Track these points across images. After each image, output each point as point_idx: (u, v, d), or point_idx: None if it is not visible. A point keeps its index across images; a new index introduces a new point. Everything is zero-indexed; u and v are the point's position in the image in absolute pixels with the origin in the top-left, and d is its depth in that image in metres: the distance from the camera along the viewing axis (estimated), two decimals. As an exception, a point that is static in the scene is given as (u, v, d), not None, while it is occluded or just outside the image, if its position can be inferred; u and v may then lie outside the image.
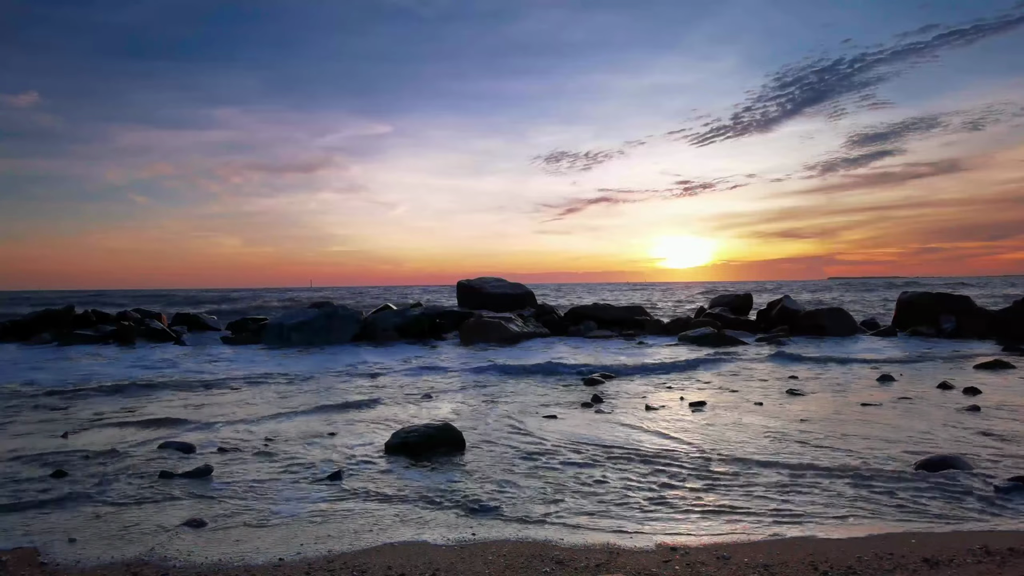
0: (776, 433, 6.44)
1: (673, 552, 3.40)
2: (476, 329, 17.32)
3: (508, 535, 3.68)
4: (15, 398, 8.81)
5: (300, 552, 3.44)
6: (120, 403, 8.48)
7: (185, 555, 3.41)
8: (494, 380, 10.44)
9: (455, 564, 3.25)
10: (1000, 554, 3.30)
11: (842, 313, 19.06)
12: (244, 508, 4.29)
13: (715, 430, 6.63)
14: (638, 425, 6.93)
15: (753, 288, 35.65)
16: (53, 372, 11.42)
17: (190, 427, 6.97)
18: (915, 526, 3.83)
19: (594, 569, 3.18)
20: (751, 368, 11.69)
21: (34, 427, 6.99)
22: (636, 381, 10.32)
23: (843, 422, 6.95)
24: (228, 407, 8.19)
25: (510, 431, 6.66)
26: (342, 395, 9.00)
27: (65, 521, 4.02)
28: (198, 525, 3.87)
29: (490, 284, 21.84)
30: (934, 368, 11.34)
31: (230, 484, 4.87)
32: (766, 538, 3.61)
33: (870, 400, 8.19)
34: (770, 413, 7.52)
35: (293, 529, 3.85)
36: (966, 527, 3.80)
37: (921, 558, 3.27)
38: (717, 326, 17.76)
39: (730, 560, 3.28)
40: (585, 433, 6.53)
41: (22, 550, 3.51)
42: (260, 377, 10.82)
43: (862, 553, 3.35)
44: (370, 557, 3.36)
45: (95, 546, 3.57)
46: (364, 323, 17.89)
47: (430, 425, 6.08)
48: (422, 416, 7.49)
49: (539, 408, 8.00)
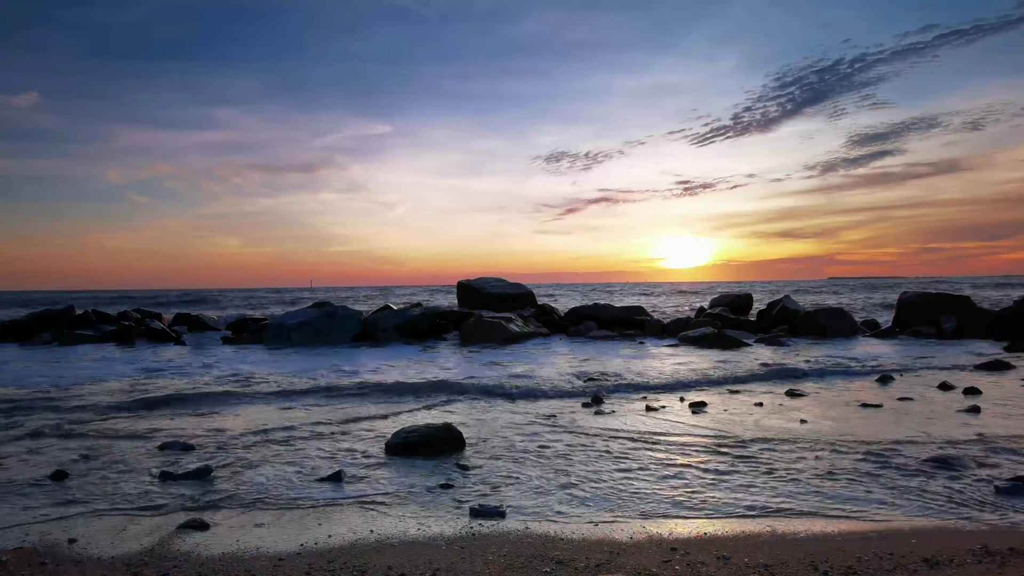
0: (775, 432, 6.44)
1: (673, 552, 3.40)
2: (476, 329, 17.32)
3: (508, 535, 3.68)
4: (13, 398, 8.80)
5: (300, 552, 3.44)
6: (120, 403, 8.47)
7: (185, 555, 3.41)
8: (495, 379, 10.44)
9: (455, 564, 3.25)
10: (1000, 554, 3.30)
11: (842, 313, 19.05)
12: (244, 508, 4.29)
13: (715, 431, 6.63)
14: (639, 425, 6.93)
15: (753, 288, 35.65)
16: (51, 372, 11.42)
17: (190, 427, 6.97)
18: (915, 526, 3.83)
19: (594, 569, 3.18)
20: (751, 368, 11.68)
21: (34, 427, 6.99)
22: (636, 381, 10.32)
23: (843, 422, 6.95)
24: (228, 407, 8.19)
25: (510, 431, 6.66)
26: (342, 395, 9.00)
27: (65, 521, 4.02)
28: (198, 525, 3.87)
29: (490, 284, 21.85)
30: (934, 369, 11.34)
31: (230, 484, 4.87)
32: (766, 538, 3.61)
33: (870, 400, 8.19)
34: (770, 413, 7.52)
35: (293, 529, 3.85)
36: (967, 527, 3.80)
37: (921, 558, 3.27)
38: (717, 326, 17.75)
39: (730, 560, 3.28)
40: (585, 433, 6.53)
41: (22, 550, 3.51)
42: (260, 377, 10.82)
43: (862, 553, 3.35)
44: (370, 557, 3.36)
45: (95, 546, 3.57)
46: (364, 323, 17.90)
47: (430, 425, 6.09)
48: (422, 416, 7.49)
49: (539, 408, 8.00)
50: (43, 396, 8.97)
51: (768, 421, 7.05)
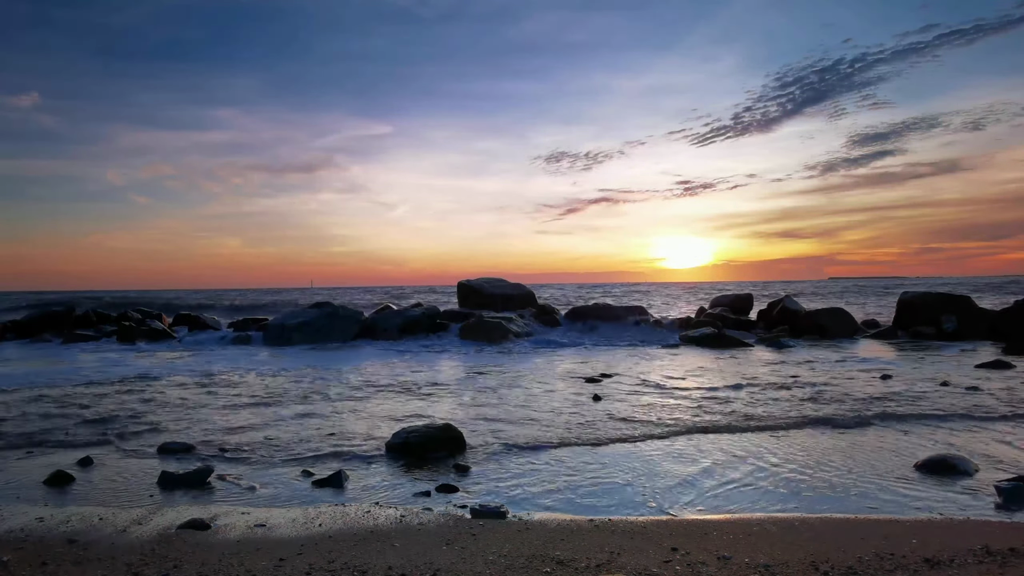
0: (774, 433, 6.44)
1: (674, 552, 3.39)
2: (477, 329, 17.33)
3: (509, 535, 3.68)
4: (10, 400, 8.81)
5: (301, 552, 3.44)
6: (120, 404, 8.48)
7: (186, 555, 3.41)
8: (495, 380, 10.44)
9: (456, 564, 3.25)
10: (1001, 554, 3.29)
11: (843, 313, 19.04)
12: (245, 508, 4.29)
13: (714, 432, 6.63)
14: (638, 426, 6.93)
15: (753, 288, 35.63)
16: (51, 373, 11.43)
17: (190, 428, 6.97)
18: (916, 526, 3.82)
19: (595, 569, 3.18)
20: (752, 369, 11.68)
21: (33, 428, 7.00)
22: (636, 380, 10.31)
23: (842, 422, 6.94)
24: (228, 408, 8.19)
25: (511, 431, 6.65)
26: (342, 395, 9.00)
27: (64, 522, 4.02)
28: (199, 525, 3.87)
29: (491, 284, 21.84)
30: (934, 368, 11.32)
31: (230, 484, 4.88)
32: (767, 538, 3.61)
33: (869, 399, 8.17)
34: (770, 413, 7.52)
35: (293, 529, 3.85)
36: (967, 527, 3.80)
37: (922, 558, 3.26)
38: (718, 326, 17.75)
39: (731, 560, 3.28)
40: (586, 433, 6.53)
41: (23, 551, 3.51)
42: (261, 377, 10.82)
43: (863, 553, 3.34)
44: (371, 557, 3.36)
45: (95, 547, 3.57)
46: (365, 323, 17.90)
47: (431, 425, 6.08)
48: (423, 416, 7.49)
49: (540, 407, 7.99)
50: (40, 397, 8.98)
51: (768, 422, 7.05)
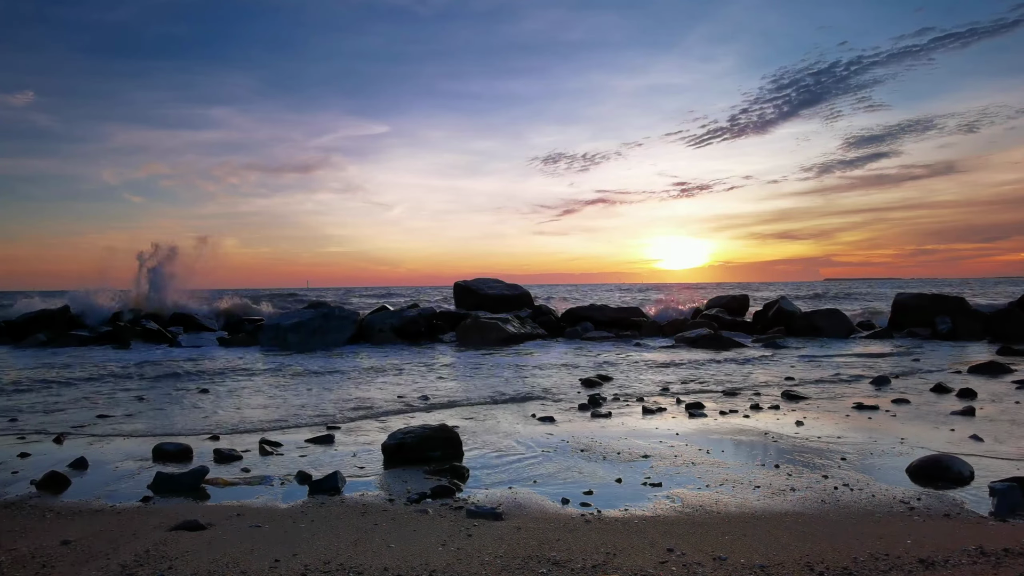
0: (772, 434, 6.46)
1: (670, 552, 3.40)
2: (473, 330, 17.32)
3: (504, 536, 3.68)
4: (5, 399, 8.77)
5: (296, 553, 3.43)
6: (117, 405, 8.45)
7: (181, 556, 3.40)
8: (491, 381, 10.44)
9: (452, 565, 3.24)
10: (995, 555, 3.31)
11: (838, 314, 19.11)
12: (240, 510, 4.28)
13: (713, 432, 6.64)
14: (636, 428, 6.94)
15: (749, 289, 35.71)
16: (45, 374, 11.37)
17: (186, 429, 6.96)
18: (910, 526, 3.84)
19: (591, 569, 3.18)
20: (747, 370, 11.71)
21: (32, 429, 6.97)
22: (633, 384, 10.33)
23: (838, 424, 6.97)
24: (224, 410, 8.18)
25: (507, 432, 6.66)
26: (338, 397, 8.99)
27: (61, 522, 4.00)
28: (194, 527, 3.85)
29: (487, 285, 21.84)
30: (929, 370, 11.38)
31: (226, 486, 4.86)
32: (763, 539, 3.61)
33: (865, 402, 8.21)
34: (767, 414, 7.54)
35: (289, 530, 3.84)
36: (961, 528, 3.82)
37: (917, 559, 3.28)
38: (714, 327, 17.79)
39: (727, 560, 3.28)
40: (582, 435, 6.54)
41: (17, 551, 3.49)
42: (256, 379, 10.80)
43: (858, 554, 3.35)
44: (366, 558, 3.35)
45: (91, 548, 3.55)
46: (361, 324, 17.87)
47: (426, 426, 6.07)
48: (418, 417, 7.48)
49: (536, 411, 8.00)
50: (39, 396, 8.94)
51: (765, 423, 7.06)
